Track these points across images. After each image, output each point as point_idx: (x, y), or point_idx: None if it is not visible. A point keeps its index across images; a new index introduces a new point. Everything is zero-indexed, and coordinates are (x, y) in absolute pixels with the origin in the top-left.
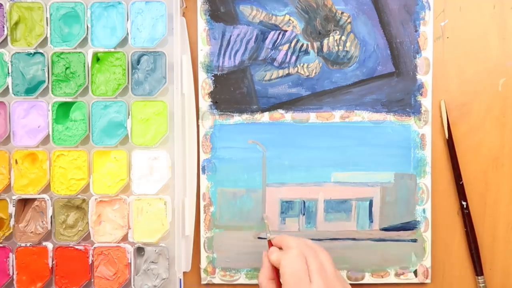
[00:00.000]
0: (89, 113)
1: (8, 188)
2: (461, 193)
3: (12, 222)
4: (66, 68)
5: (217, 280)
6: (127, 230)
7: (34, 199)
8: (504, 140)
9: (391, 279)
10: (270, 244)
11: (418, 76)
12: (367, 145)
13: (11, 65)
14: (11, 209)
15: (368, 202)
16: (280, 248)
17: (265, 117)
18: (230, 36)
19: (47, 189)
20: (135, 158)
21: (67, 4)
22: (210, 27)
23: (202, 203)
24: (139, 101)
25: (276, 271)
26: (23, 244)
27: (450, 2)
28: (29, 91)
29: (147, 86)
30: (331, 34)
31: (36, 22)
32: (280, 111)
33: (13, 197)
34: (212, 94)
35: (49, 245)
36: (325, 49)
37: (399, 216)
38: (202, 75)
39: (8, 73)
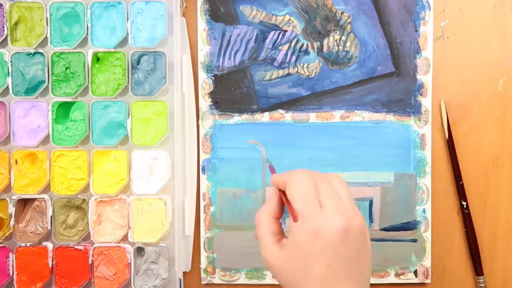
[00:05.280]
0: (89, 113)
1: (8, 188)
2: (461, 193)
3: (12, 222)
4: (66, 68)
5: (217, 280)
6: (127, 230)
7: (34, 199)
8: (504, 140)
9: (391, 279)
10: (272, 168)
11: (418, 76)
12: (367, 145)
13: (11, 65)
14: (11, 209)
15: (368, 202)
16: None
17: (265, 117)
18: (230, 36)
19: (47, 189)
20: (135, 158)
21: (67, 4)
22: (210, 27)
23: (202, 203)
24: (139, 101)
25: (283, 208)
26: (23, 244)
27: (450, 2)
28: (29, 91)
29: (147, 86)
30: (331, 34)
31: (36, 22)
32: (280, 111)
33: (13, 197)
34: (212, 94)
35: (49, 245)
36: (325, 49)
37: (399, 216)
38: (202, 75)
39: (8, 73)
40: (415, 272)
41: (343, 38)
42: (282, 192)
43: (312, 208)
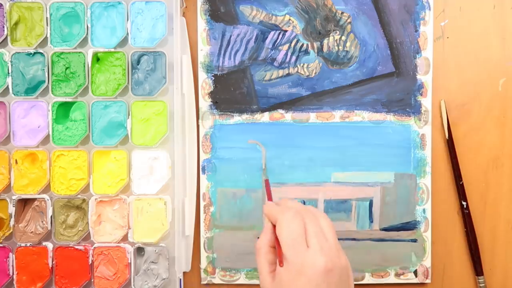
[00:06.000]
0: (89, 113)
1: (8, 188)
2: (461, 193)
3: (12, 222)
4: (66, 68)
5: (217, 280)
6: (127, 230)
7: (34, 199)
8: (504, 140)
9: (391, 279)
10: (267, 183)
11: (418, 76)
12: (367, 145)
13: (11, 65)
14: (11, 209)
15: (368, 202)
16: None
17: (265, 117)
18: (230, 36)
19: (47, 189)
20: (135, 158)
21: (67, 4)
22: (210, 27)
23: (202, 203)
24: (139, 101)
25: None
26: (23, 244)
27: (450, 2)
28: (29, 91)
29: (147, 86)
30: (331, 34)
31: (36, 22)
32: (280, 111)
33: (13, 197)
34: (212, 94)
35: (49, 245)
36: (325, 49)
37: (399, 216)
38: (202, 75)
39: (8, 73)
40: (415, 272)
41: (343, 38)
42: (274, 226)
43: (298, 248)
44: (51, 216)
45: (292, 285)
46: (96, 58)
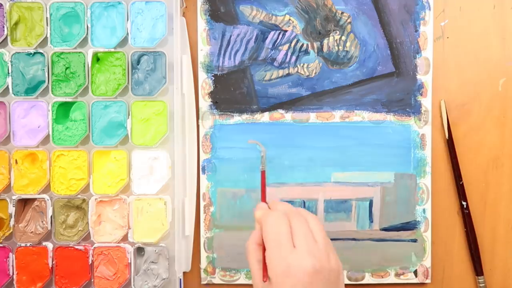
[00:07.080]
0: (89, 113)
1: (8, 188)
2: (461, 193)
3: (12, 222)
4: (66, 68)
5: (217, 280)
6: (127, 230)
7: (34, 199)
8: (504, 140)
9: (391, 279)
10: (263, 177)
11: (418, 76)
12: (367, 145)
13: (11, 65)
14: (11, 209)
15: (368, 202)
16: None
17: (265, 117)
18: (230, 36)
19: (47, 189)
20: (135, 158)
21: (67, 4)
22: (210, 27)
23: (202, 203)
24: (139, 101)
25: None
26: (23, 244)
27: (450, 2)
28: (29, 91)
29: (147, 86)
30: (331, 34)
31: (36, 22)
32: (280, 111)
33: (13, 197)
34: (212, 94)
35: (49, 245)
36: (325, 49)
37: (399, 216)
38: (202, 75)
39: (8, 73)
40: (415, 272)
41: (343, 38)
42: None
43: (283, 249)
44: (51, 216)
45: (279, 286)
46: (96, 58)
